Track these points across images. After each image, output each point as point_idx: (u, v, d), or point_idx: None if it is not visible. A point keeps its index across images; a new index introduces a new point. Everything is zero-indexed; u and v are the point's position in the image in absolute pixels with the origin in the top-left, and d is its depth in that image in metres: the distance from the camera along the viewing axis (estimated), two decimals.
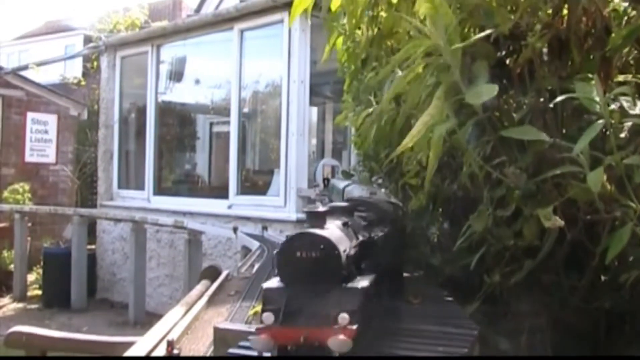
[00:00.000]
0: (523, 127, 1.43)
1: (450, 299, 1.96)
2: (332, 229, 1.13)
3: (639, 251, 1.39)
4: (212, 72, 8.61)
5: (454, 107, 1.39)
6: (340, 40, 2.26)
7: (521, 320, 1.80)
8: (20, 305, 8.42)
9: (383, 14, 1.87)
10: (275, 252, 1.16)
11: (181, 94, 9.07)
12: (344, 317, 0.95)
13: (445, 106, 1.34)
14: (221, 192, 7.37)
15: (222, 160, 8.21)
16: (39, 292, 8.74)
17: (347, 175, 4.95)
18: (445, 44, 1.29)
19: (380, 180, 2.99)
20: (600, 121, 1.26)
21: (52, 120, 10.98)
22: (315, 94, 7.17)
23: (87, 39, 14.32)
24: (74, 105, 11.44)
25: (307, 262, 1.04)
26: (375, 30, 1.96)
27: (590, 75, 1.40)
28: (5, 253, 9.22)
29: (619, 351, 1.69)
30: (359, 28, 2.07)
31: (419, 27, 1.38)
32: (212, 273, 2.82)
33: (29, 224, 8.99)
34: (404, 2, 1.64)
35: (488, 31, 1.46)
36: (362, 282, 1.08)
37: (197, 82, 8.93)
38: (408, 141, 1.31)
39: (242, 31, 6.97)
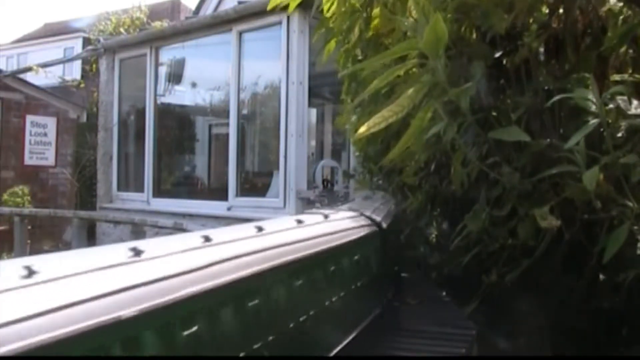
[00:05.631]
0: (509, 127, 1.43)
1: (448, 299, 1.97)
2: None
3: (636, 250, 1.39)
4: (210, 74, 8.61)
5: (448, 108, 1.39)
6: (333, 41, 2.26)
7: (520, 320, 1.80)
8: None
9: (377, 12, 1.87)
10: None
11: (180, 96, 9.06)
12: None
13: (438, 107, 1.34)
14: (220, 194, 7.36)
15: (222, 162, 8.20)
16: None
17: (347, 176, 4.96)
18: (429, 47, 1.29)
19: (380, 182, 2.99)
20: (596, 120, 1.26)
21: (51, 123, 10.98)
22: (314, 95, 7.16)
23: (86, 42, 14.36)
24: (73, 107, 11.44)
25: None
26: (370, 31, 1.96)
27: (586, 75, 1.40)
28: (4, 256, 9.21)
29: (619, 351, 1.69)
30: (353, 30, 2.07)
31: (414, 26, 1.39)
32: None
33: (29, 227, 8.98)
34: (398, 1, 1.64)
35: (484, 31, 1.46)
36: None
37: (196, 84, 8.93)
38: (404, 143, 1.31)
39: (240, 33, 6.97)
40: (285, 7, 2.26)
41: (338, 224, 1.48)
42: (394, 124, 1.39)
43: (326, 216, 1.48)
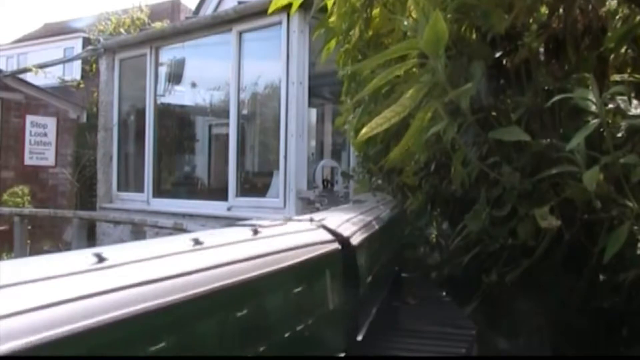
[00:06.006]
0: (509, 127, 1.43)
1: (448, 299, 1.96)
2: None
3: (636, 250, 1.39)
4: (210, 74, 8.61)
5: (449, 108, 1.39)
6: (333, 41, 2.26)
7: (520, 320, 1.80)
8: None
9: (377, 12, 1.87)
10: None
11: (180, 96, 9.06)
12: None
13: (438, 107, 1.34)
14: (220, 194, 7.36)
15: (222, 162, 8.20)
16: None
17: (346, 176, 4.96)
18: (431, 47, 1.29)
19: (379, 182, 2.99)
20: (596, 120, 1.26)
21: (51, 123, 10.98)
22: (314, 95, 7.16)
23: (86, 42, 14.37)
24: (73, 107, 11.44)
25: None
26: (370, 31, 1.96)
27: (586, 75, 1.40)
28: (4, 256, 9.21)
29: (619, 351, 1.69)
30: (353, 30, 2.07)
31: (413, 27, 1.39)
32: None
33: (29, 227, 8.97)
34: (398, 2, 1.64)
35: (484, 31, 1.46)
36: None
37: (196, 84, 8.93)
38: (404, 143, 1.31)
39: (240, 33, 6.97)
40: (285, 7, 2.26)
41: (268, 244, 1.00)
42: (393, 124, 1.39)
43: (256, 232, 1.02)
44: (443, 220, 2.32)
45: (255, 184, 7.61)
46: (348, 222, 1.42)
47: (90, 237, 8.61)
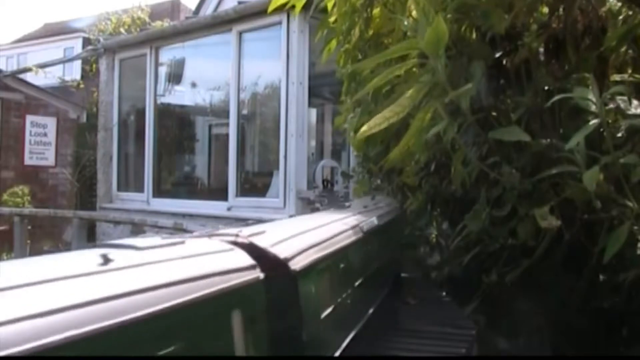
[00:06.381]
0: (509, 127, 1.43)
1: (448, 299, 1.96)
2: None
3: (637, 250, 1.39)
4: (210, 74, 8.61)
5: (449, 108, 1.39)
6: (334, 41, 2.26)
7: (520, 320, 1.80)
8: None
9: (377, 12, 1.87)
10: None
11: (180, 96, 9.07)
12: None
13: (438, 107, 1.35)
14: (220, 194, 7.37)
15: (222, 162, 8.20)
16: None
17: (346, 176, 4.96)
18: (431, 47, 1.29)
19: (379, 182, 2.99)
20: (596, 120, 1.26)
21: (51, 123, 10.99)
22: (314, 95, 7.16)
23: (86, 42, 14.39)
24: (73, 108, 11.44)
25: None
26: (370, 31, 1.96)
27: (586, 75, 1.40)
28: (4, 256, 9.21)
29: (619, 351, 1.69)
30: (353, 30, 2.07)
31: (413, 27, 1.39)
32: None
33: (29, 227, 8.98)
34: (398, 2, 1.65)
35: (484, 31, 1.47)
36: None
37: (196, 84, 8.93)
38: (404, 144, 1.31)
39: (240, 33, 6.97)
40: (285, 7, 2.27)
41: (119, 281, 0.63)
42: (393, 124, 1.39)
43: (107, 260, 0.66)
44: (443, 220, 2.32)
45: (255, 184, 7.61)
46: (298, 237, 1.04)
47: (90, 237, 8.61)
